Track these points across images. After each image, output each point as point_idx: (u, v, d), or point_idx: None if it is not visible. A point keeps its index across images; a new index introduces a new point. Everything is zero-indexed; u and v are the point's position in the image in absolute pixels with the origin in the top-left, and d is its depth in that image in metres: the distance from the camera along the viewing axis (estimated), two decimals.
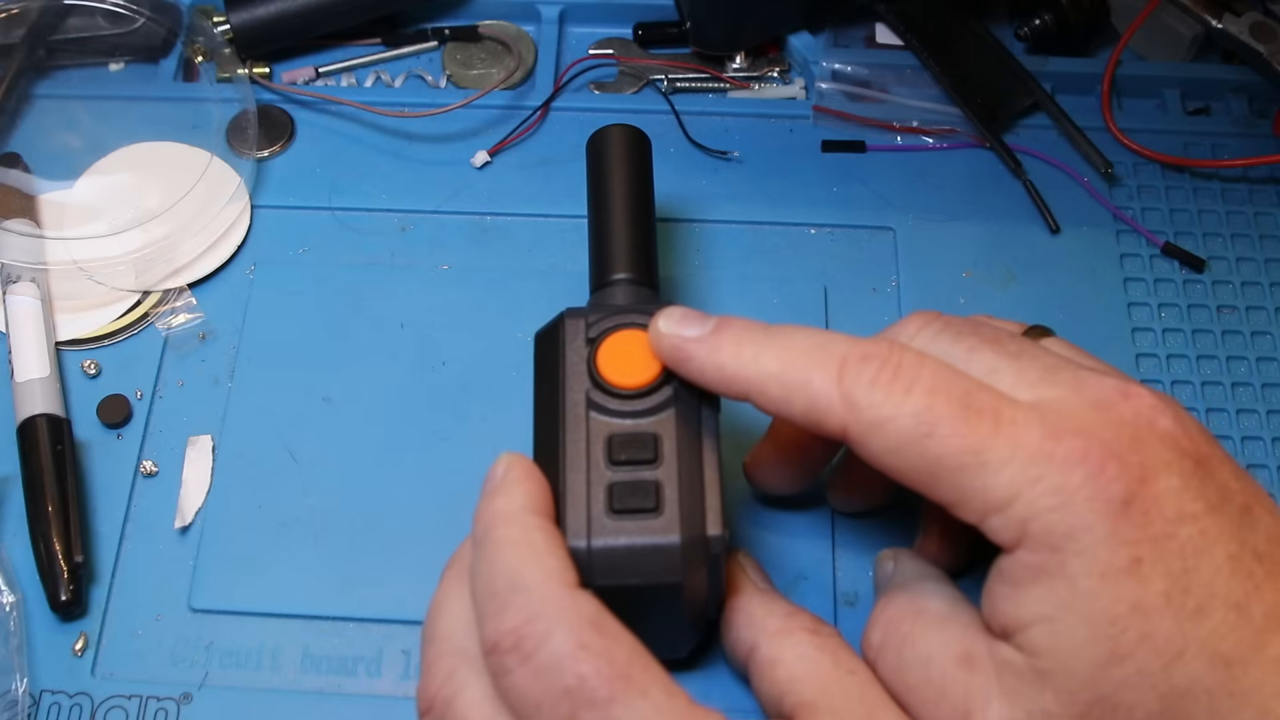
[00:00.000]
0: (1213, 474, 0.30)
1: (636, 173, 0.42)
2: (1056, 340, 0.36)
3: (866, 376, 0.31)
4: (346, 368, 0.46)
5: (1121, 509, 0.29)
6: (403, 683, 0.40)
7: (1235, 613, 0.29)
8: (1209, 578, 0.29)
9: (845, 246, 0.50)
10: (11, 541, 0.42)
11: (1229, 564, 0.29)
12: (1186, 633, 0.28)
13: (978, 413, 0.30)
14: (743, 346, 0.33)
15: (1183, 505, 0.29)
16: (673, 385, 0.35)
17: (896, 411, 0.30)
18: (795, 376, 0.32)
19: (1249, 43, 0.52)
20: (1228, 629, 0.29)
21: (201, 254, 0.49)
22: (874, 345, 0.32)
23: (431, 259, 0.49)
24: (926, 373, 0.31)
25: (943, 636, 0.33)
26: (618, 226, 0.41)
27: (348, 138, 0.52)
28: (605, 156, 0.43)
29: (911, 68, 0.54)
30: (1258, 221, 0.50)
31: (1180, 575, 0.29)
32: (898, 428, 0.30)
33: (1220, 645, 0.28)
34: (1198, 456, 0.30)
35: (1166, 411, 0.31)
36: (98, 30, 0.54)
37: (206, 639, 0.41)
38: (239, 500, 0.43)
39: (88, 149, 0.51)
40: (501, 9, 0.56)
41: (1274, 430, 0.45)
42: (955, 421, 0.30)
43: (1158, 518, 0.29)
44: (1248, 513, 0.30)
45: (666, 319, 0.35)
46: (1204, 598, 0.29)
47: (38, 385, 0.44)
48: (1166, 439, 0.30)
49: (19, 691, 0.39)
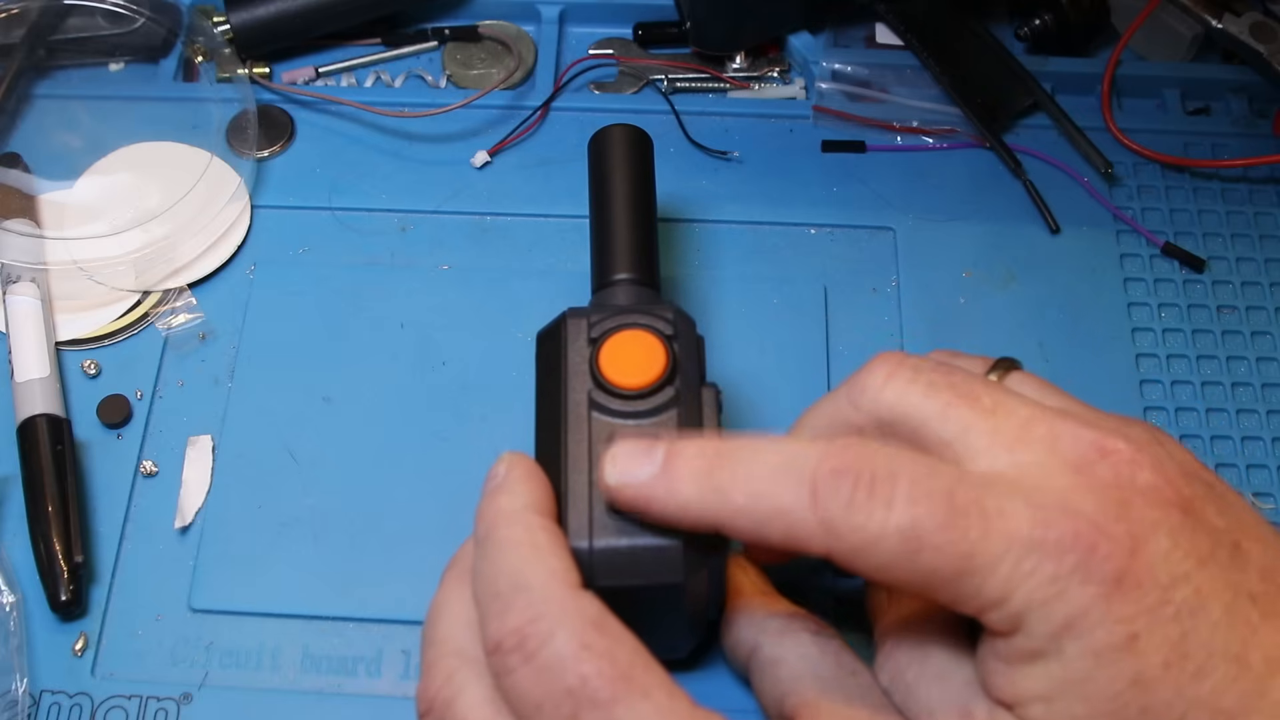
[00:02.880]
0: (1200, 520, 0.29)
1: (638, 172, 0.42)
2: (1025, 376, 0.35)
3: (843, 498, 0.29)
4: (346, 368, 0.46)
5: (1115, 587, 0.28)
6: (403, 683, 0.40)
7: (1235, 665, 0.28)
8: (1207, 636, 0.28)
9: (845, 246, 0.50)
10: (11, 541, 0.42)
11: (1225, 617, 0.28)
12: (1187, 696, 0.28)
13: (964, 514, 0.29)
14: (701, 480, 0.31)
15: (1173, 567, 0.28)
16: (675, 385, 0.35)
17: (881, 532, 0.29)
18: (766, 507, 0.30)
19: (1249, 43, 0.52)
20: (1228, 683, 0.28)
21: (201, 254, 0.49)
22: (842, 454, 0.30)
23: (431, 259, 0.49)
24: (904, 480, 0.29)
25: (943, 690, 0.32)
26: (619, 226, 0.41)
27: (348, 138, 0.52)
28: (607, 156, 0.42)
29: (911, 68, 0.54)
30: (1258, 221, 0.50)
31: (1178, 641, 0.28)
32: (885, 548, 0.29)
33: (1221, 702, 0.28)
34: (1182, 505, 0.29)
35: (1145, 462, 0.30)
36: (98, 30, 0.54)
37: (206, 639, 0.41)
38: (239, 500, 0.43)
39: (88, 149, 0.51)
40: (501, 9, 0.56)
41: (1274, 430, 0.45)
42: (943, 531, 0.29)
43: (1151, 587, 0.28)
44: (1237, 552, 0.29)
45: (611, 466, 0.32)
46: (1203, 658, 0.28)
47: (38, 385, 0.44)
48: (1149, 495, 0.29)
49: (19, 691, 0.39)
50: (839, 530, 0.29)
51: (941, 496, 0.29)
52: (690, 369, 0.36)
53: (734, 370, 0.46)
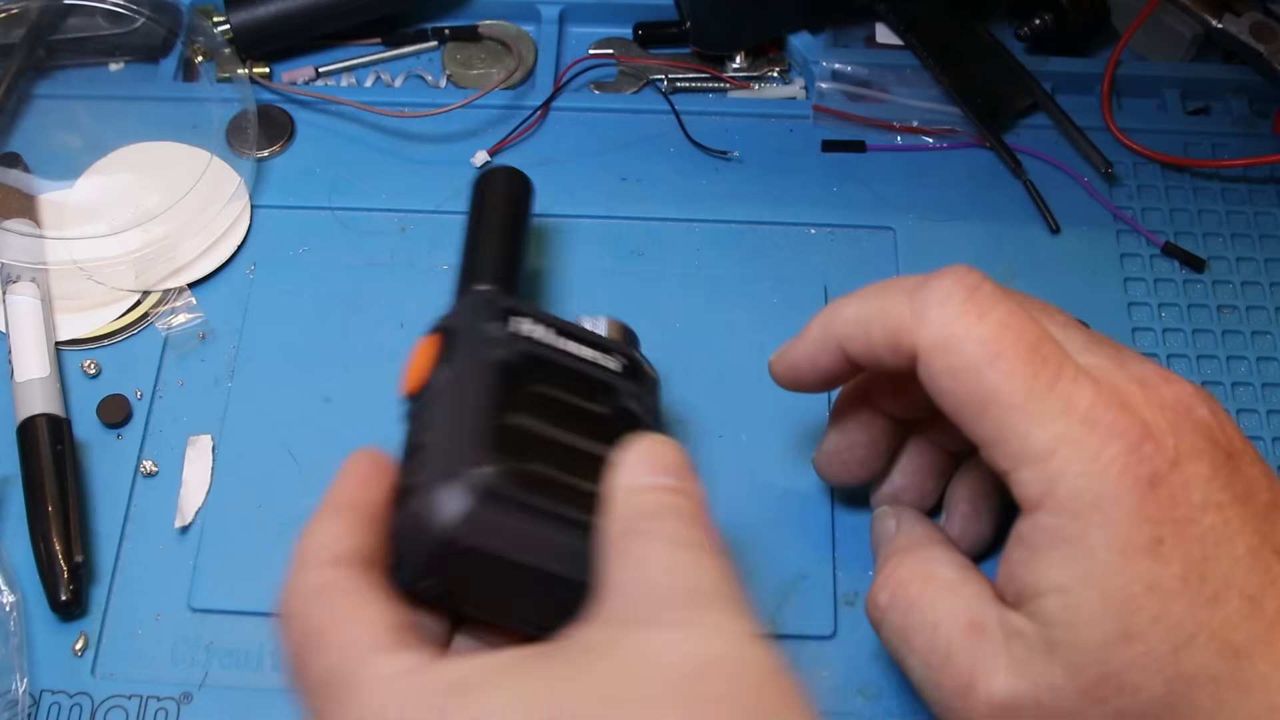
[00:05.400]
0: (1241, 469, 0.30)
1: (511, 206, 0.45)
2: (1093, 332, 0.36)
3: (939, 293, 0.32)
4: (346, 368, 0.46)
5: (1149, 487, 0.29)
6: None
7: (1249, 604, 0.29)
8: (1227, 567, 0.29)
9: (845, 246, 0.50)
10: (11, 541, 0.42)
11: (1248, 556, 0.29)
12: (1199, 619, 0.29)
13: (1043, 359, 0.30)
14: (821, 316, 0.36)
15: (1209, 493, 0.29)
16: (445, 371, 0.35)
17: (966, 334, 0.31)
18: (870, 308, 0.33)
19: (1249, 43, 0.52)
20: (1240, 619, 0.29)
21: (201, 254, 0.49)
22: (947, 269, 0.33)
23: (431, 259, 0.49)
24: (1002, 307, 0.31)
25: (951, 603, 0.33)
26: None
27: (348, 138, 0.52)
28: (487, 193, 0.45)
29: (911, 68, 0.54)
30: (1258, 221, 0.50)
31: (1199, 562, 0.29)
32: (965, 349, 0.31)
33: (1231, 635, 0.29)
34: (1230, 450, 0.30)
35: (1204, 403, 0.31)
36: (98, 30, 0.54)
37: (206, 639, 0.41)
38: (239, 500, 0.43)
39: (88, 149, 0.51)
40: (501, 9, 0.56)
41: (1274, 430, 0.45)
42: (1021, 360, 0.30)
43: (1183, 501, 0.29)
44: (1273, 510, 0.30)
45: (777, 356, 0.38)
46: (1220, 586, 0.29)
47: (38, 385, 0.44)
48: (1201, 428, 0.30)
49: (19, 691, 0.39)
50: (930, 320, 0.32)
51: (1030, 337, 0.31)
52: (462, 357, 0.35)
53: (734, 370, 0.46)
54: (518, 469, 0.32)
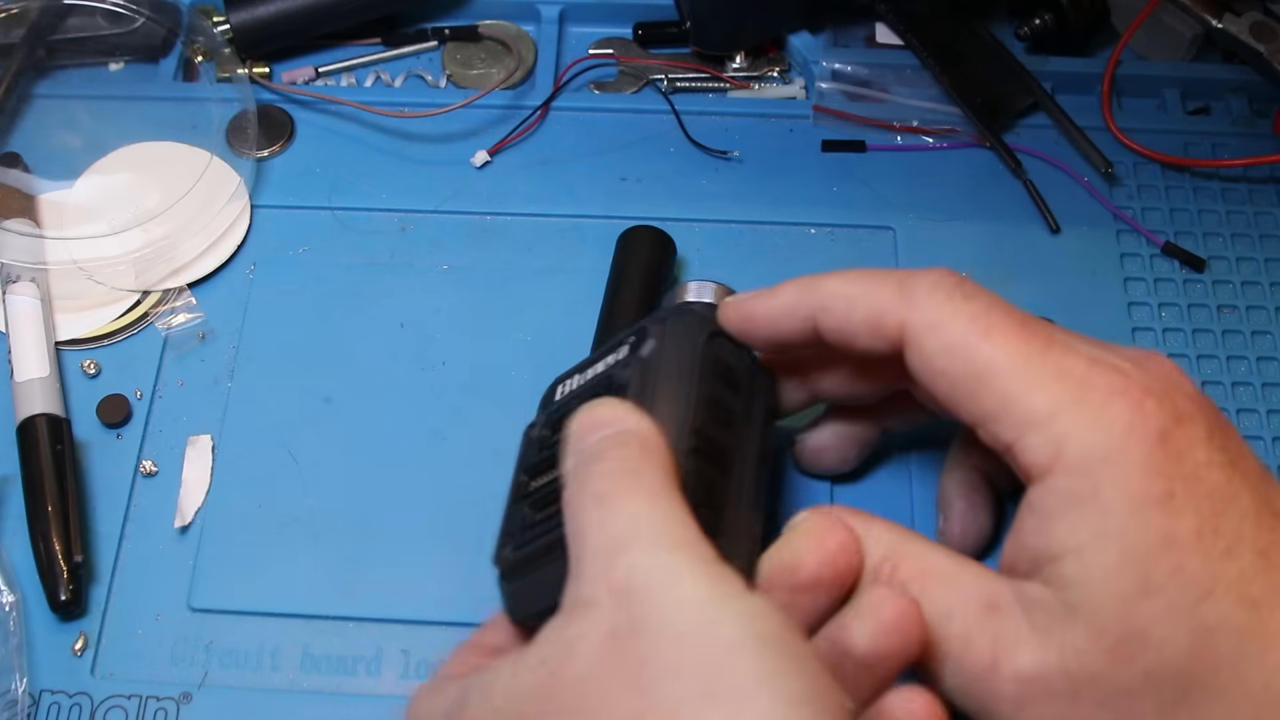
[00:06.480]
0: (1232, 436, 0.31)
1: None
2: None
3: (928, 280, 0.33)
4: (346, 368, 0.46)
5: (1158, 442, 0.29)
6: (402, 682, 0.40)
7: (1262, 558, 0.29)
8: (1236, 522, 0.29)
9: (845, 246, 0.50)
10: (11, 541, 0.42)
11: (1254, 512, 0.29)
12: (1216, 571, 0.29)
13: (1033, 332, 0.31)
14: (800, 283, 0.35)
15: (1210, 453, 0.30)
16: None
17: (955, 312, 0.32)
18: (857, 287, 0.34)
19: (1249, 42, 0.52)
20: (1255, 572, 0.29)
21: (201, 254, 0.49)
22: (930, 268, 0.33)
23: (431, 259, 0.49)
24: (985, 294, 0.33)
25: (958, 590, 0.32)
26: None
27: (348, 138, 0.52)
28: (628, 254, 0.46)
29: (911, 68, 0.54)
30: (1258, 221, 0.50)
31: (1210, 516, 0.29)
32: (955, 327, 0.32)
33: (1248, 588, 0.29)
34: (1218, 418, 0.31)
35: (1188, 382, 0.32)
36: (98, 30, 0.54)
37: (206, 639, 0.41)
38: (239, 500, 0.43)
39: (88, 149, 0.51)
40: (501, 9, 0.56)
41: (1274, 430, 0.45)
42: (1012, 333, 0.31)
43: (1189, 458, 0.29)
44: (1265, 474, 0.31)
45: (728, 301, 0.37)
46: (1232, 539, 0.29)
47: (37, 385, 0.44)
48: (1192, 397, 0.31)
49: (19, 691, 0.39)
50: (919, 303, 0.32)
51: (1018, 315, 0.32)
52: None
53: None
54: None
